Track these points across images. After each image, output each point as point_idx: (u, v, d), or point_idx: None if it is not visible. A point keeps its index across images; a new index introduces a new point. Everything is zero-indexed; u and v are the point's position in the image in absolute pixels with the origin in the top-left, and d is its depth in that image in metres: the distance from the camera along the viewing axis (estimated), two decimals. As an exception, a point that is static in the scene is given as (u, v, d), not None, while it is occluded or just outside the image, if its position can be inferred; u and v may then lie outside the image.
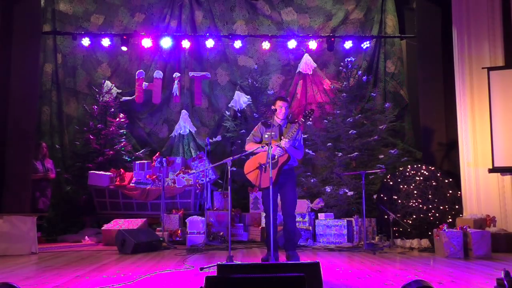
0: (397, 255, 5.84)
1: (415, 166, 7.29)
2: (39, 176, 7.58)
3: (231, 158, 5.01)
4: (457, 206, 6.83)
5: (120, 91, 9.22)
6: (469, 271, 4.45)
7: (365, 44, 8.80)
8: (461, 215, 6.65)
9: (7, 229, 5.83)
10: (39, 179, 7.58)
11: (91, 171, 8.18)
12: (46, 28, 8.96)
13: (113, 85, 9.11)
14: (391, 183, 7.17)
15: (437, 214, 6.84)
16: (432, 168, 7.14)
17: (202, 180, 7.89)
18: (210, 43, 8.67)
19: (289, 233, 5.07)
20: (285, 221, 5.08)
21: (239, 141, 8.60)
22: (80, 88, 9.33)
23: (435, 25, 7.71)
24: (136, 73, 8.99)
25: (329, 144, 8.15)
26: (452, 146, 7.37)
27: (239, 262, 4.84)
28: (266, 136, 5.02)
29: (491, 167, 6.45)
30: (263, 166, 4.85)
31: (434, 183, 6.99)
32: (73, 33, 8.70)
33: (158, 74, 9.06)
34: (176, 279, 4.01)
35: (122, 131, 8.91)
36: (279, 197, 5.14)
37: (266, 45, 8.68)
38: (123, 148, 8.85)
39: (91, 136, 8.70)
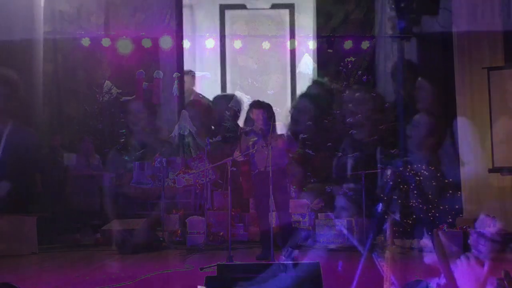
0: (397, 255, 5.83)
1: (415, 166, 7.27)
2: (77, 173, 7.69)
3: (231, 158, 5.01)
4: (457, 206, 6.82)
5: (120, 91, 9.20)
6: (469, 271, 4.44)
7: (365, 44, 8.79)
8: (461, 215, 6.64)
9: (7, 229, 5.82)
10: (79, 176, 7.70)
11: (91, 171, 8.18)
12: (46, 28, 8.95)
13: (113, 85, 9.10)
14: (391, 183, 7.15)
15: (437, 214, 6.83)
16: (432, 168, 7.13)
17: (202, 180, 7.88)
18: (210, 43, 8.66)
19: (284, 229, 5.10)
20: (279, 217, 5.13)
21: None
22: (80, 88, 9.30)
23: (435, 25, 7.70)
24: (136, 73, 8.99)
25: (329, 144, 8.15)
26: (452, 146, 7.36)
27: (239, 262, 4.84)
28: (251, 142, 5.01)
29: (491, 167, 6.45)
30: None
31: (434, 183, 6.98)
32: (73, 33, 8.69)
33: (158, 74, 9.05)
34: (176, 279, 4.01)
35: (122, 131, 8.90)
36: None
37: (266, 45, 8.68)
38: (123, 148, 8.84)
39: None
